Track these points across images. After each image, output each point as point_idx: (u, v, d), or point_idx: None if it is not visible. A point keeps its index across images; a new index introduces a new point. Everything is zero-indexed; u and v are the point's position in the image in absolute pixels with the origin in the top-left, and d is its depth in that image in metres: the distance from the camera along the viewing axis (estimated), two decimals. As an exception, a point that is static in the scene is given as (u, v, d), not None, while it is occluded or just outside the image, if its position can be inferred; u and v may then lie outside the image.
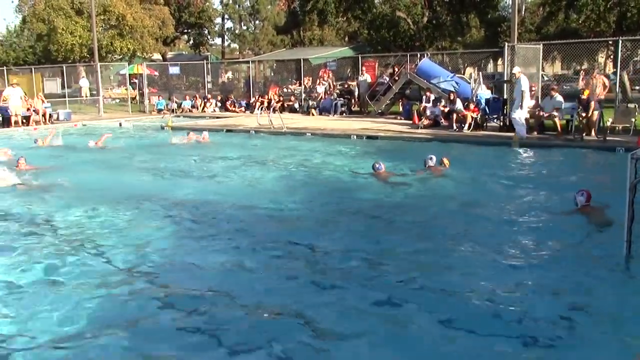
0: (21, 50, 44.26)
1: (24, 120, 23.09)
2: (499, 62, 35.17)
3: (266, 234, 7.88)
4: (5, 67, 36.32)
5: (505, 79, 17.55)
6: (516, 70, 16.16)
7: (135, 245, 7.40)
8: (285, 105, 27.04)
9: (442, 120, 18.98)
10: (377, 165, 11.44)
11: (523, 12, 32.13)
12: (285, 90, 29.72)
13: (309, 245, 7.33)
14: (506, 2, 39.16)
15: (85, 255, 7.01)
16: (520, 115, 15.92)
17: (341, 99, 25.56)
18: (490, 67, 43.67)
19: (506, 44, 17.88)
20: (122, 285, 6.06)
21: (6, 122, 22.84)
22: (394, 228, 8.22)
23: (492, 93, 19.44)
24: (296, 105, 26.90)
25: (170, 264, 6.75)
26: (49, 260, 6.84)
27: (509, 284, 5.94)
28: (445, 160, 11.78)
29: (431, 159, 11.55)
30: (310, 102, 26.08)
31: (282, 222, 8.62)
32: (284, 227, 8.29)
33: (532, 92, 16.90)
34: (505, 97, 17.45)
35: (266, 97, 28.18)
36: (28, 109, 23.49)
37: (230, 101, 30.01)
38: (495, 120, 17.95)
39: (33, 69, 34.44)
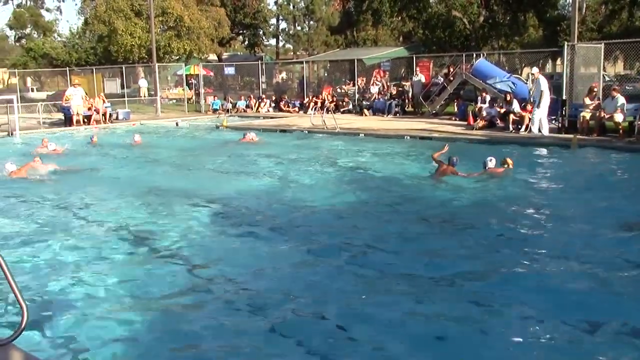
0: (83, 51, 45.62)
1: (85, 120, 23.79)
2: (558, 62, 34.31)
3: (320, 233, 7.88)
4: (67, 68, 37.56)
5: (564, 79, 17.14)
6: (535, 70, 16.49)
7: (188, 240, 7.55)
8: (342, 103, 27.04)
9: (498, 122, 18.62)
10: (454, 159, 11.37)
11: (584, 11, 31.31)
12: (338, 90, 29.73)
13: (362, 244, 7.32)
14: (566, 1, 38.23)
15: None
16: (540, 115, 16.35)
17: (395, 99, 25.40)
18: (548, 67, 42.68)
19: (566, 43, 17.43)
20: (164, 265, 6.18)
21: (68, 121, 23.59)
22: (455, 230, 8.08)
23: (550, 94, 18.97)
24: (349, 106, 26.86)
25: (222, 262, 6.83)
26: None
27: (581, 295, 5.70)
28: (509, 161, 11.54)
29: (491, 160, 11.31)
30: (364, 103, 26.02)
31: (337, 222, 8.61)
32: (340, 227, 8.27)
33: (594, 94, 16.45)
34: (564, 97, 17.01)
35: (320, 97, 28.26)
36: (89, 109, 24.19)
37: (284, 101, 30.24)
38: (553, 122, 17.51)
39: (94, 70, 35.51)
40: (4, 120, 22.01)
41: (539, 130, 16.53)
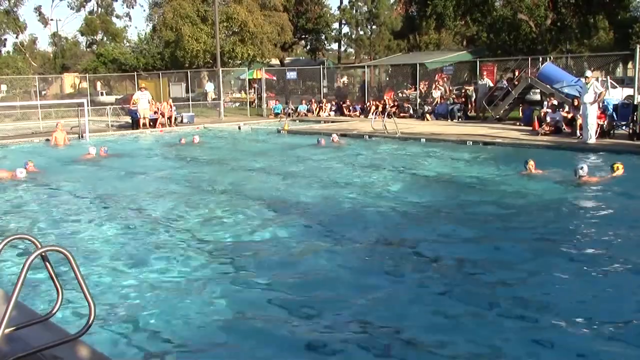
0: (150, 56, 46.87)
1: (151, 123, 24.43)
2: (629, 65, 33.08)
3: (385, 237, 7.84)
4: (135, 72, 38.68)
5: (635, 83, 16.56)
6: (589, 74, 15.74)
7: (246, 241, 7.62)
8: (405, 106, 26.88)
9: (565, 127, 18.10)
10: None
11: (657, 13, 30.10)
12: (400, 95, 29.55)
13: (427, 249, 7.27)
14: (638, 2, 36.85)
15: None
16: (592, 120, 15.73)
17: (457, 104, 25.07)
18: (619, 72, 41.17)
19: (638, 46, 16.84)
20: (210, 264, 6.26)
21: (135, 124, 24.29)
22: (534, 238, 7.83)
23: (621, 98, 18.33)
24: (410, 111, 26.66)
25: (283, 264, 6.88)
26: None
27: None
28: (617, 166, 11.14)
29: (582, 168, 10.96)
30: (426, 107, 25.77)
31: (402, 226, 8.56)
32: (405, 231, 8.23)
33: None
34: (635, 102, 16.40)
35: (381, 101, 28.16)
36: (155, 112, 24.83)
37: (345, 105, 30.27)
38: (624, 128, 16.90)
39: (160, 74, 36.43)
40: (75, 123, 22.85)
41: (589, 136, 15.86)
